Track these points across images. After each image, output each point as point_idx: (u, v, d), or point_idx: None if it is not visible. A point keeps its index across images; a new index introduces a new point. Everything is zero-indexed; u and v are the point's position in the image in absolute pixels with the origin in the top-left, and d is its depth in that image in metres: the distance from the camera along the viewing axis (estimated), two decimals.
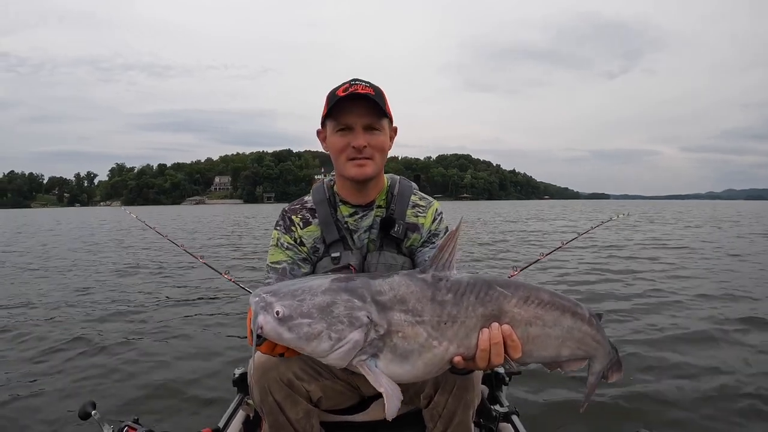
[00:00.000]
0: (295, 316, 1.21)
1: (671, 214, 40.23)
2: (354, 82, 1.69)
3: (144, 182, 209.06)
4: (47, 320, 6.05)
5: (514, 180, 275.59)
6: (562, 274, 9.12)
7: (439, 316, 1.27)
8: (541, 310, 1.35)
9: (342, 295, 1.25)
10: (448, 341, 1.28)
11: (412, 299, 1.27)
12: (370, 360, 1.25)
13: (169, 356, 4.65)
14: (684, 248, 13.78)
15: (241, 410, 2.24)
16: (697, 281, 8.35)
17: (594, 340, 1.44)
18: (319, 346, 1.22)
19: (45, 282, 9.13)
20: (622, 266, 10.00)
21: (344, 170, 1.74)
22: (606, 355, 1.50)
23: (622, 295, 7.00)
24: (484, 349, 1.28)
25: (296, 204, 1.89)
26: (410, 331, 1.26)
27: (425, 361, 1.28)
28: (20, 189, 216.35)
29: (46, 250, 15.41)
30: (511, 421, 2.18)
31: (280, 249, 1.80)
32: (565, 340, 1.39)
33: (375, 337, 1.25)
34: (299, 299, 1.23)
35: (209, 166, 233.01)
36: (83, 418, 1.91)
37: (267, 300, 1.23)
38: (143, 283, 8.75)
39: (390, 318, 1.25)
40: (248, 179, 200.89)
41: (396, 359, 1.26)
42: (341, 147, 1.71)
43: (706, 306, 6.42)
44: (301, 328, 1.21)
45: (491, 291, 1.31)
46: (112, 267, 10.99)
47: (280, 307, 1.21)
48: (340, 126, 1.69)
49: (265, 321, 1.20)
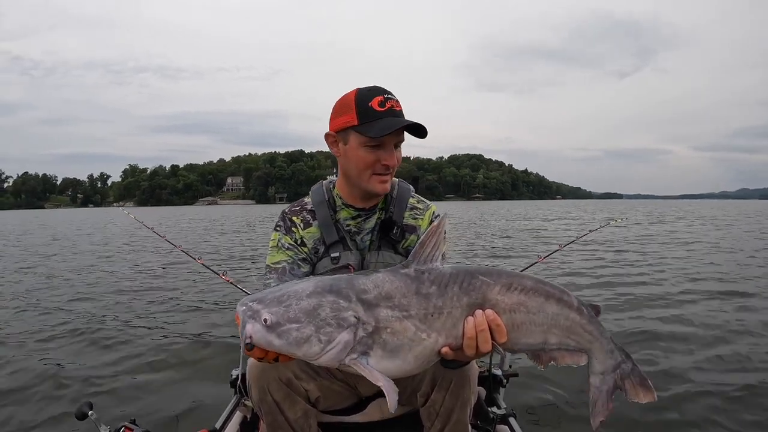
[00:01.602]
0: (282, 322, 1.22)
1: (678, 213, 39.79)
2: (388, 96, 1.65)
3: (157, 183, 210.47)
4: (43, 320, 6.07)
5: (526, 180, 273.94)
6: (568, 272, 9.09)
7: (425, 309, 1.29)
8: (525, 297, 1.35)
9: (327, 297, 1.26)
10: (436, 333, 1.30)
11: (397, 294, 1.29)
12: (361, 358, 1.26)
13: (166, 357, 4.67)
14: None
15: (238, 411, 2.25)
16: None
17: (585, 331, 1.42)
18: (310, 349, 1.23)
19: (41, 281, 9.19)
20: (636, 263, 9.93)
21: (368, 185, 1.72)
22: (606, 353, 1.45)
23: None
24: (470, 336, 1.30)
25: (296, 206, 1.89)
26: (398, 326, 1.28)
27: (415, 355, 1.30)
28: (34, 190, 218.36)
29: (48, 249, 15.53)
30: (509, 424, 2.18)
31: (281, 250, 1.80)
32: (551, 327, 1.38)
33: (364, 335, 1.26)
34: (285, 305, 1.24)
35: (221, 167, 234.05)
36: (80, 419, 1.92)
37: (254, 308, 1.23)
38: (140, 283, 8.77)
39: (377, 315, 1.27)
40: (260, 180, 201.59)
41: (386, 355, 1.27)
42: (370, 162, 1.67)
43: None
44: (290, 333, 1.22)
45: (474, 280, 1.33)
46: (109, 267, 11.05)
47: (268, 315, 1.22)
48: (374, 142, 1.65)
49: (254, 330, 1.21)
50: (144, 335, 5.37)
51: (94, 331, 5.53)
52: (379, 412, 1.92)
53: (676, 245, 14.31)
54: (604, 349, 1.44)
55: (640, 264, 10.37)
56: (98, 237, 21.92)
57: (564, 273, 9.16)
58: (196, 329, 5.58)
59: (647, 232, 19.44)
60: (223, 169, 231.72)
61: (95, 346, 4.97)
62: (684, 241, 15.84)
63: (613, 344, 1.45)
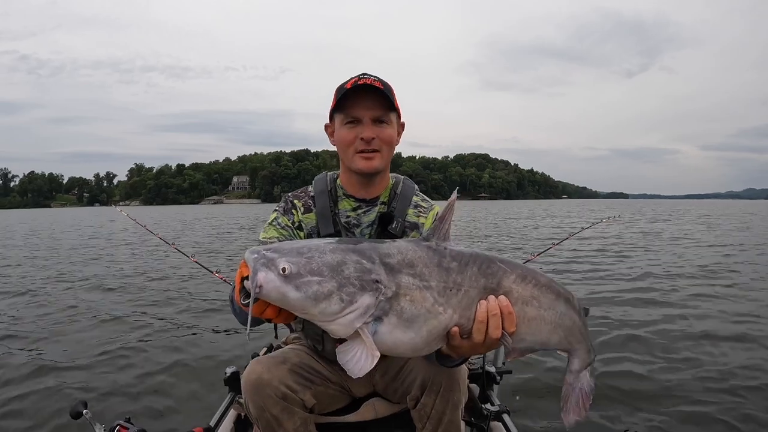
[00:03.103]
0: (303, 273, 1.14)
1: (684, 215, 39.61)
2: (363, 76, 1.70)
3: (163, 182, 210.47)
4: (38, 321, 6.07)
5: (532, 179, 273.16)
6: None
7: (445, 282, 1.26)
8: (538, 291, 1.34)
9: (351, 256, 1.20)
10: (452, 309, 1.27)
11: (419, 264, 1.25)
12: (374, 324, 1.21)
13: (160, 355, 4.69)
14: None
15: (232, 409, 2.26)
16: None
17: (580, 333, 1.44)
18: (328, 307, 1.15)
19: (36, 281, 9.20)
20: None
21: (352, 163, 1.76)
22: (586, 352, 1.48)
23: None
24: (482, 320, 1.27)
25: (300, 191, 1.93)
26: (418, 295, 1.23)
27: (429, 329, 1.26)
28: (40, 189, 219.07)
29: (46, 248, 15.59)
30: (502, 420, 2.19)
31: (275, 227, 1.83)
32: (557, 327, 1.38)
33: (383, 300, 1.20)
34: (307, 256, 1.16)
35: (227, 166, 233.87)
36: (75, 418, 1.93)
37: (269, 256, 1.14)
38: (133, 282, 8.77)
39: (399, 281, 1.22)
40: (266, 179, 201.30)
41: (401, 323, 1.23)
42: (350, 140, 1.73)
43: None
44: (310, 286, 1.13)
45: (492, 264, 1.31)
46: (105, 266, 11.02)
47: (287, 264, 1.13)
48: (348, 118, 1.72)
49: (267, 279, 1.11)
50: (138, 334, 5.39)
51: (89, 329, 5.56)
52: (372, 411, 1.92)
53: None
54: (586, 349, 1.47)
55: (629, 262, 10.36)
56: (92, 234, 22.02)
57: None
58: (189, 327, 5.61)
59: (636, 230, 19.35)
60: (228, 169, 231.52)
61: (89, 345, 4.98)
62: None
63: (591, 343, 1.49)
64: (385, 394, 1.92)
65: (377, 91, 1.67)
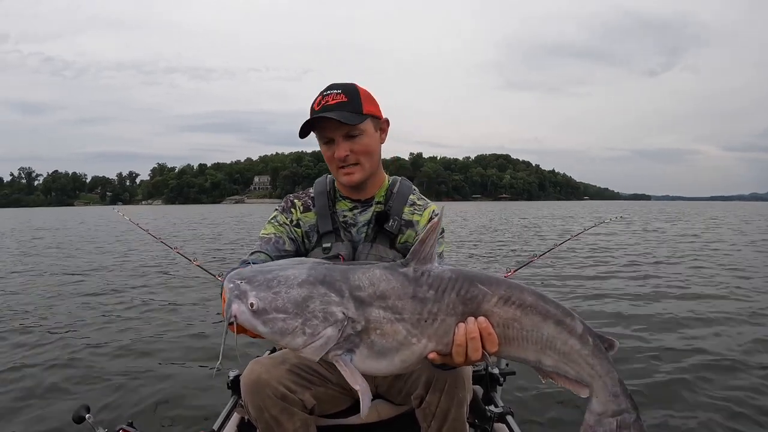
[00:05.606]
0: (269, 311, 1.19)
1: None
2: (327, 93, 1.72)
3: (184, 182, 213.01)
4: (38, 323, 6.08)
5: (553, 180, 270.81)
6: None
7: (419, 314, 1.24)
8: (520, 313, 1.26)
9: (319, 289, 1.22)
10: (427, 338, 1.25)
11: (392, 295, 1.23)
12: (346, 354, 1.23)
13: (163, 359, 4.69)
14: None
15: (235, 413, 2.26)
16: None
17: (586, 363, 1.28)
18: (293, 341, 1.21)
19: (35, 283, 9.19)
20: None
21: (337, 177, 1.84)
22: (609, 395, 1.28)
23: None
24: (460, 344, 1.24)
25: (301, 192, 1.98)
26: (389, 328, 1.23)
27: (402, 358, 1.26)
28: (64, 188, 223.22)
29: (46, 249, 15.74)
30: (506, 422, 2.18)
31: (273, 224, 1.88)
32: (545, 349, 1.27)
33: (352, 333, 1.22)
34: (274, 291, 1.21)
35: (249, 166, 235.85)
36: (77, 422, 1.93)
37: (241, 288, 1.21)
38: (137, 285, 8.74)
39: (368, 315, 1.22)
40: (287, 179, 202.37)
41: (372, 355, 1.24)
42: (328, 157, 1.79)
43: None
44: (276, 323, 1.20)
45: (472, 288, 1.25)
46: (105, 269, 11.04)
47: (255, 300, 1.19)
48: (323, 138, 1.77)
49: (239, 311, 1.19)
50: (141, 337, 5.40)
51: (91, 333, 5.56)
52: (375, 413, 1.92)
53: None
54: (608, 390, 1.28)
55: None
56: (94, 235, 22.16)
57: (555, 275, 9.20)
58: (193, 331, 5.62)
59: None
60: (250, 168, 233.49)
61: (92, 349, 4.98)
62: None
63: (620, 388, 1.28)
64: (388, 395, 1.92)
65: (343, 106, 1.69)
